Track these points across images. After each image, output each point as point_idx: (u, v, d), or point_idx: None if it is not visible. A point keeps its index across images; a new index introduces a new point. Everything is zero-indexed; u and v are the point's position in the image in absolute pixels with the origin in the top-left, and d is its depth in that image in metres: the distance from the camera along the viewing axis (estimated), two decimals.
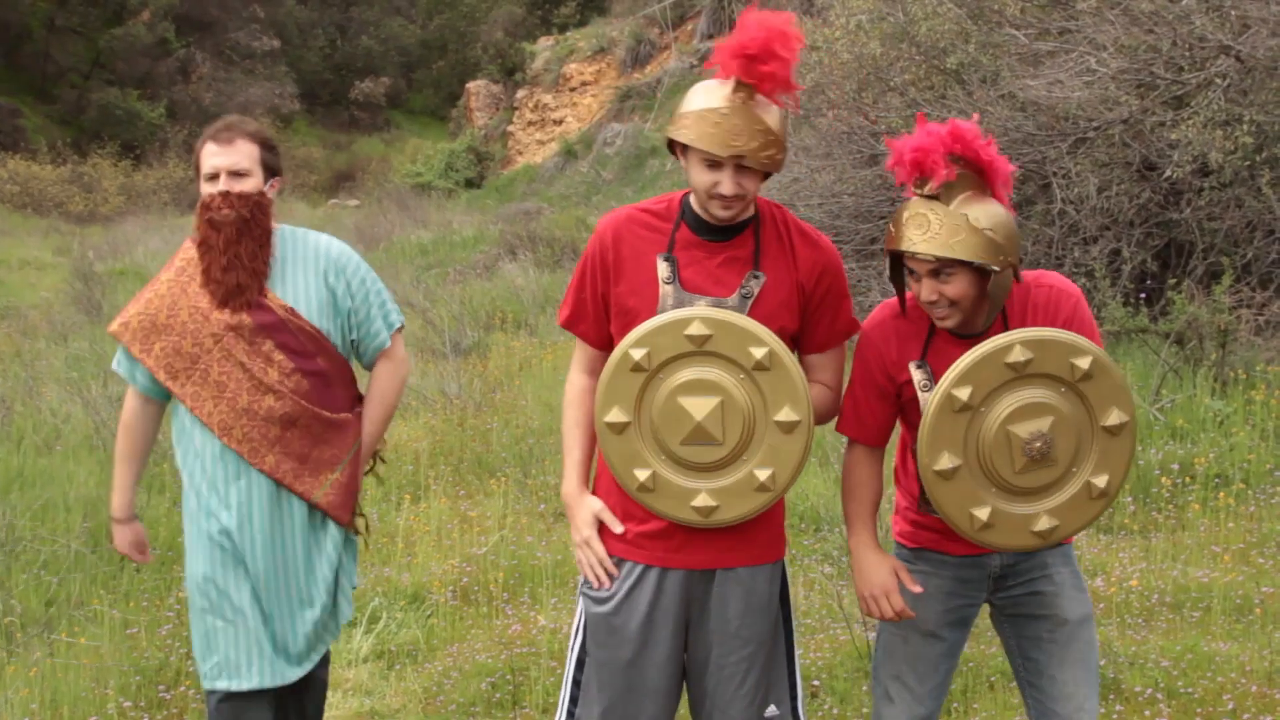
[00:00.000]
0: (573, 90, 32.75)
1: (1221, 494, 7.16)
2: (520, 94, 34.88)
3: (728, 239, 3.41)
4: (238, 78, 43.84)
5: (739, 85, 3.25)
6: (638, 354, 3.26)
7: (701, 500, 3.31)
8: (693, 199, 3.43)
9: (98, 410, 9.57)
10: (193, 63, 44.27)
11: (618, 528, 3.46)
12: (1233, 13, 10.23)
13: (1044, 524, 3.26)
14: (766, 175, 3.38)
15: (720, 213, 3.33)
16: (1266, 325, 9.46)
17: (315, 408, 3.99)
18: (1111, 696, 5.09)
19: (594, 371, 3.54)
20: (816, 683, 5.32)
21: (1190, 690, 5.06)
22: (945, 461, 3.22)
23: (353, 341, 4.12)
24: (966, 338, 3.35)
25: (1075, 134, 10.85)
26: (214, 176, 3.94)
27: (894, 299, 3.52)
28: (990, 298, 3.28)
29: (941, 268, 3.20)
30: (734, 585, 3.44)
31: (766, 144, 3.25)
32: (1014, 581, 3.56)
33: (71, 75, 42.76)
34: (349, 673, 5.82)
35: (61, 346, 13.53)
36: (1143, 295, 10.21)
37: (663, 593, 3.42)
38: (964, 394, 3.18)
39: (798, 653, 3.68)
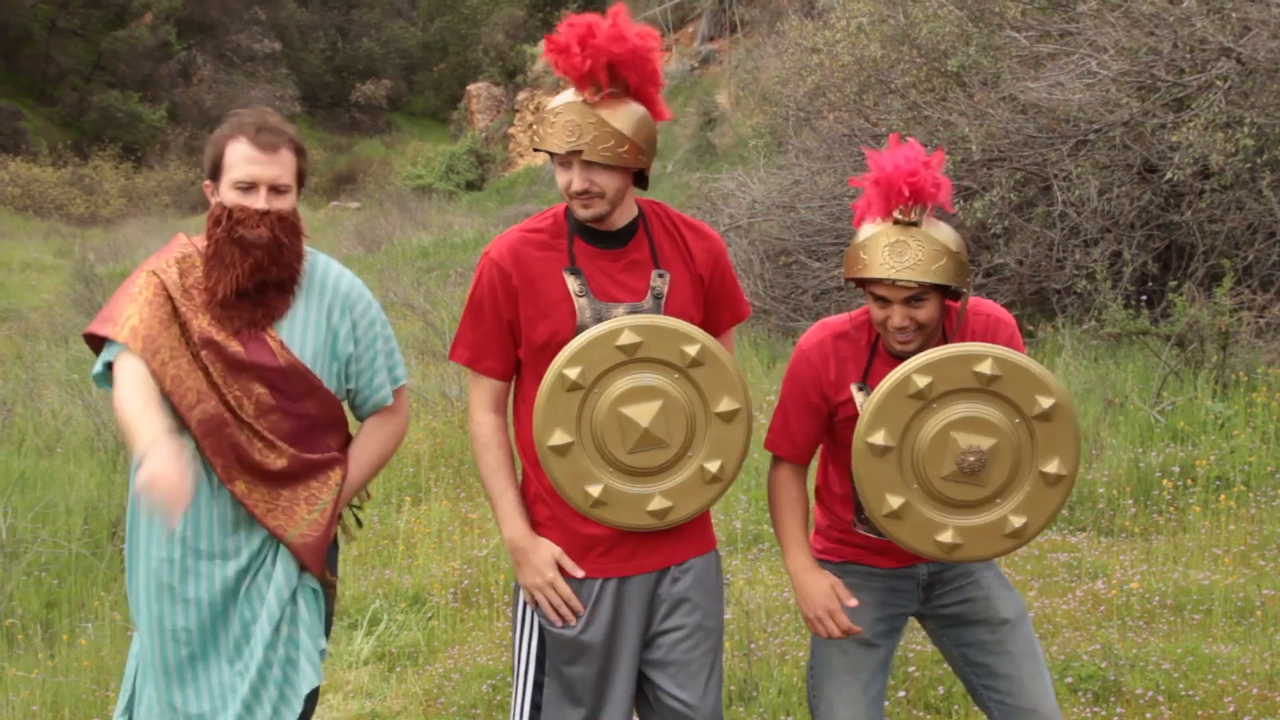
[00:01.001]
0: None
1: (1222, 496, 7.16)
2: (521, 96, 34.93)
3: (623, 244, 3.43)
4: (239, 80, 43.85)
5: (579, 85, 3.34)
6: (573, 372, 3.25)
7: (656, 504, 3.33)
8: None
9: (98, 412, 9.58)
10: (194, 65, 44.31)
11: (578, 572, 3.41)
12: (1234, 15, 10.24)
13: (949, 538, 3.24)
14: (638, 175, 3.43)
15: (581, 212, 3.35)
16: (1267, 328, 9.46)
17: (295, 450, 3.49)
18: (1113, 699, 5.08)
19: (501, 408, 3.52)
20: None
21: (1191, 693, 5.06)
22: (880, 439, 3.20)
23: (349, 391, 3.63)
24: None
25: (1076, 136, 10.85)
26: (250, 187, 3.39)
27: (832, 319, 3.52)
28: (956, 319, 3.29)
29: (917, 294, 3.20)
30: (690, 576, 3.47)
31: (603, 136, 3.27)
32: (942, 590, 3.57)
33: (73, 77, 42.76)
34: (349, 675, 5.82)
35: (62, 349, 13.55)
36: (1144, 297, 10.21)
37: (624, 602, 3.42)
38: (923, 383, 3.16)
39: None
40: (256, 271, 3.39)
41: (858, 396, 3.36)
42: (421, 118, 48.89)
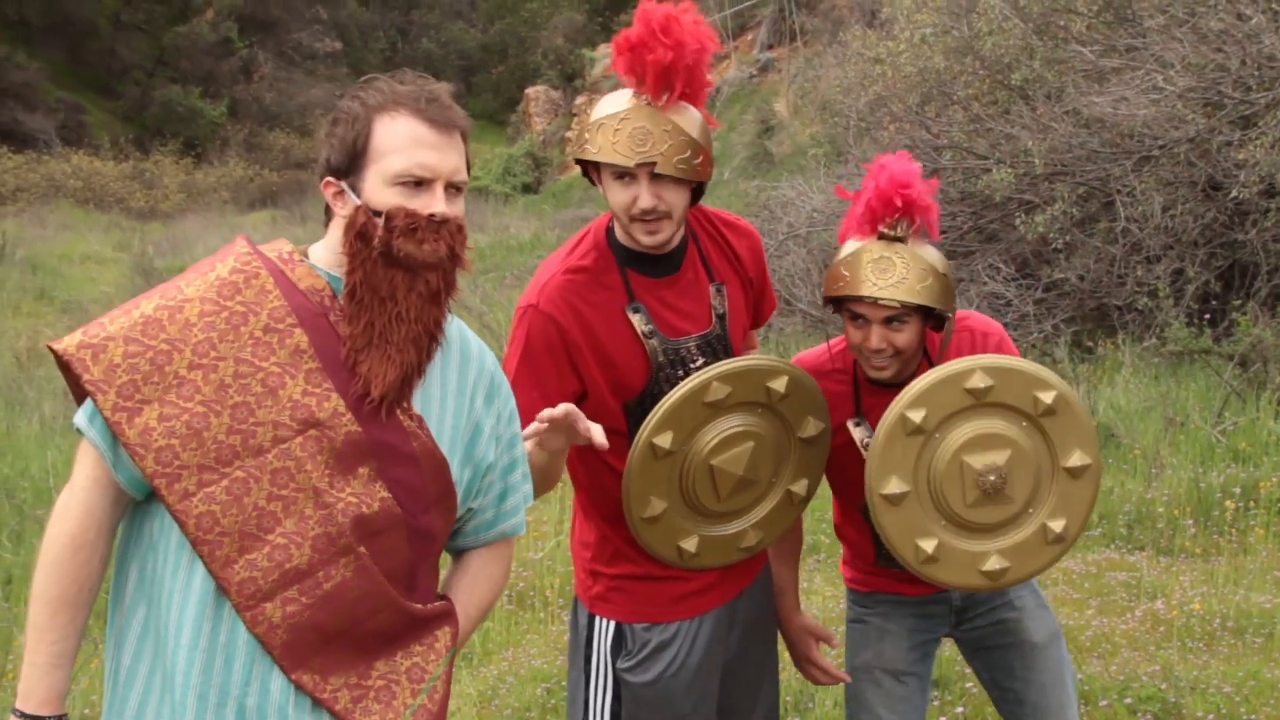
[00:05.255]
0: None
1: None
2: (579, 100, 34.95)
3: (677, 267, 3.07)
4: (299, 78, 44.20)
5: (640, 86, 2.91)
6: (664, 441, 2.91)
7: (748, 539, 3.14)
8: (617, 231, 3.03)
9: None
10: (255, 62, 44.69)
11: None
12: None
13: (993, 564, 3.04)
14: (696, 190, 3.03)
15: (645, 238, 2.93)
16: None
17: (404, 597, 2.31)
18: None
19: None
20: None
21: (1253, 717, 5.01)
22: (893, 486, 2.99)
23: (468, 510, 2.48)
24: (892, 387, 3.13)
25: (1140, 152, 10.78)
26: (421, 183, 2.30)
27: (810, 356, 3.36)
28: (939, 343, 3.15)
29: (898, 315, 3.04)
30: (756, 592, 3.33)
31: (680, 146, 2.86)
32: (976, 612, 3.44)
33: (135, 72, 43.26)
34: None
35: None
36: (1206, 316, 10.13)
37: (712, 636, 3.18)
38: (918, 416, 2.96)
39: None
40: (427, 308, 2.32)
41: (856, 432, 3.20)
42: (479, 119, 48.95)
